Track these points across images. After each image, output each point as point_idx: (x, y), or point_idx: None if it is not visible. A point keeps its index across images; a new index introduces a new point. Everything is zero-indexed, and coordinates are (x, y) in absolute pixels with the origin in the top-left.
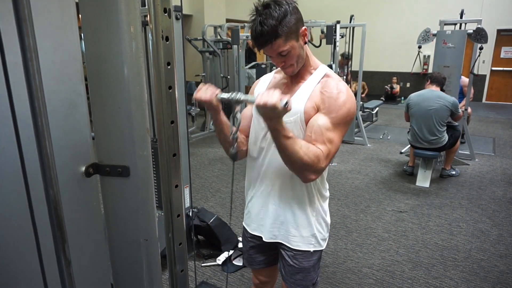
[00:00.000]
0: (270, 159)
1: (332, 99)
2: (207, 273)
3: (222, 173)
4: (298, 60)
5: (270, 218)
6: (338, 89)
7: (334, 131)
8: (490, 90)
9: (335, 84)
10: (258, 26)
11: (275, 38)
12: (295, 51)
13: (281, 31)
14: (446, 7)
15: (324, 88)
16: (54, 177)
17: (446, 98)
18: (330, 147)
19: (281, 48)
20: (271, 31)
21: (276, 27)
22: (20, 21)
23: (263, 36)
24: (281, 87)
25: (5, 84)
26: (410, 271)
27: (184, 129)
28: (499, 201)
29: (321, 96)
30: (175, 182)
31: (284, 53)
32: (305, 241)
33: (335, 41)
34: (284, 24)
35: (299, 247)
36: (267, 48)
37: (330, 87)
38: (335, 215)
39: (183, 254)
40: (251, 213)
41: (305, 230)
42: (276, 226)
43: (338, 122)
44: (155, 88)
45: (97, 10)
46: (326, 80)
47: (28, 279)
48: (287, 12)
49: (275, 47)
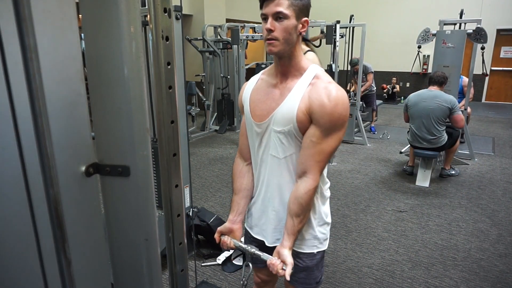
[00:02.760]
0: (268, 169)
1: (322, 107)
2: (207, 272)
3: (222, 173)
4: (287, 40)
5: (272, 224)
6: (328, 93)
7: (327, 140)
8: (489, 90)
9: (323, 89)
10: None
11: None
12: (289, 26)
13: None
14: (445, 7)
15: (314, 95)
16: (55, 177)
17: (444, 97)
18: (320, 159)
19: (281, 8)
20: None
21: None
22: (20, 21)
23: None
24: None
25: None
26: (410, 271)
27: (184, 129)
28: (498, 201)
29: (311, 103)
30: (175, 182)
31: (281, 15)
32: (308, 244)
33: (335, 41)
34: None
35: (302, 250)
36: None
37: (319, 93)
38: (335, 214)
39: (183, 254)
40: (253, 216)
41: (307, 233)
42: (278, 231)
43: (329, 130)
44: (155, 88)
45: (97, 10)
46: (316, 82)
47: (28, 279)
48: None
49: (277, 4)
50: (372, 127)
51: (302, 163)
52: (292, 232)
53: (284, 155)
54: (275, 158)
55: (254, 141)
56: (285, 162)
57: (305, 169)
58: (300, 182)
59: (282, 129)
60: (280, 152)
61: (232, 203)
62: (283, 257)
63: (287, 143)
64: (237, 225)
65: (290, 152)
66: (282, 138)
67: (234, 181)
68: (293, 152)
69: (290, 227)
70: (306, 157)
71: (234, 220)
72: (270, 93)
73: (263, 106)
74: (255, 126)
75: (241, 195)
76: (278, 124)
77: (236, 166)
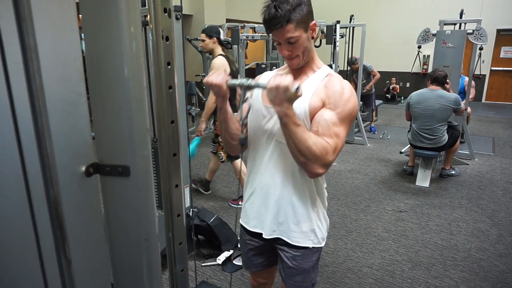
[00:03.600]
0: (271, 155)
1: (338, 93)
2: (207, 272)
3: (222, 173)
4: (305, 52)
5: (271, 214)
6: (342, 86)
7: (340, 126)
8: (489, 90)
9: (338, 81)
10: (272, 9)
11: (287, 22)
12: (303, 41)
13: (294, 17)
14: (445, 7)
15: (329, 84)
16: (55, 177)
17: (448, 97)
18: (337, 141)
19: (291, 34)
20: (284, 15)
21: (289, 11)
22: (20, 21)
23: (276, 18)
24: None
25: (5, 84)
26: (410, 271)
27: (184, 129)
28: (498, 201)
29: (326, 91)
30: (175, 182)
31: (292, 40)
32: (305, 237)
33: (335, 41)
34: (297, 11)
35: (298, 243)
36: (278, 31)
37: (335, 83)
38: (335, 214)
39: (183, 254)
40: (251, 209)
41: (305, 225)
42: (276, 222)
43: (344, 117)
44: (155, 88)
45: (97, 10)
46: (330, 77)
47: (28, 279)
48: (302, 1)
49: (285, 32)
50: (372, 127)
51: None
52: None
53: None
54: (281, 144)
55: (258, 126)
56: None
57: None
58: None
59: None
60: None
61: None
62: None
63: None
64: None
65: None
66: None
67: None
68: None
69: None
70: (323, 130)
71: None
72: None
73: None
74: (264, 109)
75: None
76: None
77: None
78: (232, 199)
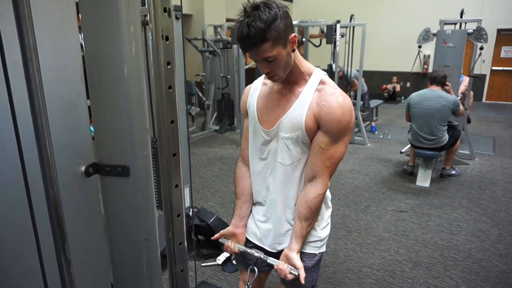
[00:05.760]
0: (274, 176)
1: (331, 114)
2: (207, 272)
3: (222, 173)
4: (285, 68)
5: (274, 230)
6: (336, 100)
7: (336, 146)
8: (490, 90)
9: (332, 94)
10: (245, 27)
11: (262, 42)
12: (282, 58)
13: (269, 35)
14: (446, 6)
15: (322, 102)
16: (54, 177)
17: (448, 98)
18: (330, 164)
19: (267, 54)
20: (259, 34)
21: (264, 30)
22: (20, 21)
23: (250, 39)
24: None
25: (5, 84)
26: (410, 271)
27: (184, 129)
28: (499, 201)
29: (319, 110)
30: (175, 182)
31: (270, 59)
32: (312, 245)
33: (335, 40)
34: (272, 28)
35: (304, 250)
36: (253, 52)
37: (328, 100)
38: (335, 214)
39: (183, 254)
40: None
41: (312, 236)
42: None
43: (338, 137)
44: (155, 88)
45: (97, 10)
46: (323, 88)
47: (28, 279)
48: (277, 16)
49: (261, 52)
50: (373, 127)
51: (311, 168)
52: (301, 235)
53: (291, 161)
54: (281, 165)
55: (259, 148)
56: (290, 168)
57: (315, 174)
58: (309, 186)
59: (290, 135)
60: (286, 158)
61: (235, 207)
62: (293, 260)
63: (293, 150)
64: (240, 229)
65: (297, 159)
66: (289, 144)
67: (237, 185)
68: (299, 158)
69: (299, 230)
70: (316, 163)
71: (237, 225)
72: (276, 99)
73: (270, 113)
74: (264, 133)
75: (244, 199)
76: (286, 130)
77: (238, 171)
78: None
